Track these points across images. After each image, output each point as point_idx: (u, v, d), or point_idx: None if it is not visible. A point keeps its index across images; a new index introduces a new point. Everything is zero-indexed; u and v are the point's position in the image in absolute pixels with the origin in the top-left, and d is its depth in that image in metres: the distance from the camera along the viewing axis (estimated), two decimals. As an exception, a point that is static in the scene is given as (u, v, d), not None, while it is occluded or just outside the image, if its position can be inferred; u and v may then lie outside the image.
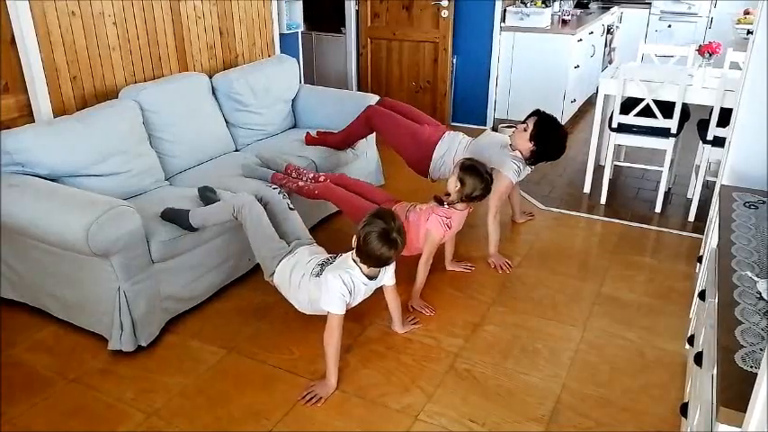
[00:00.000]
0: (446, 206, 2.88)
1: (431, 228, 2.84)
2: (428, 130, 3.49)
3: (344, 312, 2.34)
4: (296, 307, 2.57)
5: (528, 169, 3.37)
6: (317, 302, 2.38)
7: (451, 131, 3.49)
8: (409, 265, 2.89)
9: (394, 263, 2.49)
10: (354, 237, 2.30)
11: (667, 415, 2.26)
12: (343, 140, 3.70)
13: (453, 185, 2.84)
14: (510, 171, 3.23)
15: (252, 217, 2.57)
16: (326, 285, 2.31)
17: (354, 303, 2.44)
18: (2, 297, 2.89)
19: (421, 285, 2.92)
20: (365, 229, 2.25)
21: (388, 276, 2.52)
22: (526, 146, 3.24)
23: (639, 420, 2.25)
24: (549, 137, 3.22)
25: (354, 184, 3.19)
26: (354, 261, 2.34)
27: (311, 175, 3.19)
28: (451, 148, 3.38)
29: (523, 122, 3.29)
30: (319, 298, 2.36)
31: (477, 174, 2.81)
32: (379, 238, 2.22)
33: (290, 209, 2.74)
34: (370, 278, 2.38)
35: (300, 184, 3.11)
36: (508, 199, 3.64)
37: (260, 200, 2.69)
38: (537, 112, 3.28)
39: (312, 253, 2.56)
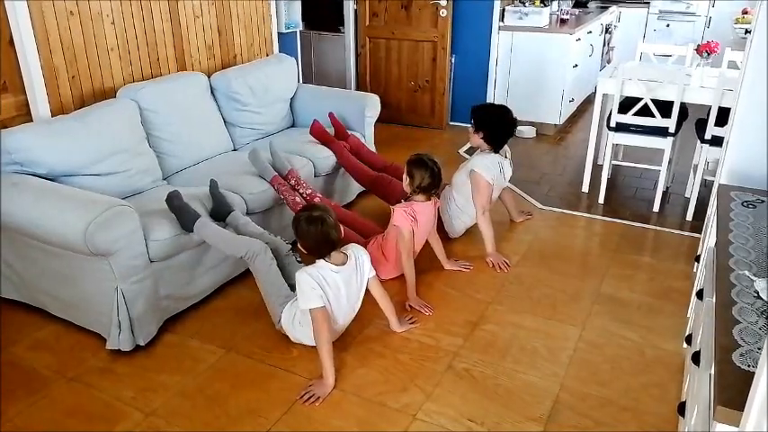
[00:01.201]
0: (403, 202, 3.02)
1: (397, 223, 2.93)
2: None
3: (323, 306, 2.36)
4: (307, 344, 2.57)
5: (506, 161, 3.47)
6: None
7: (442, 192, 3.54)
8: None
9: (366, 252, 2.56)
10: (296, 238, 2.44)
11: (668, 414, 2.26)
12: (344, 166, 3.73)
13: (405, 181, 3.00)
14: (480, 168, 3.32)
15: (263, 268, 2.63)
16: (298, 286, 2.37)
17: (343, 297, 2.45)
18: (2, 296, 2.89)
19: (412, 282, 2.93)
20: (294, 224, 2.41)
21: (366, 268, 2.55)
22: (479, 140, 3.41)
23: (640, 420, 2.25)
24: (485, 119, 3.39)
25: (350, 217, 3.29)
26: (317, 259, 2.43)
27: (308, 191, 3.25)
28: (444, 204, 3.48)
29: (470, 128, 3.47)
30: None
31: (421, 164, 2.96)
32: (305, 222, 2.37)
33: (298, 261, 2.76)
34: (339, 265, 2.42)
35: (297, 200, 3.17)
36: (500, 200, 3.65)
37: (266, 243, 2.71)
38: (471, 111, 3.46)
39: None
